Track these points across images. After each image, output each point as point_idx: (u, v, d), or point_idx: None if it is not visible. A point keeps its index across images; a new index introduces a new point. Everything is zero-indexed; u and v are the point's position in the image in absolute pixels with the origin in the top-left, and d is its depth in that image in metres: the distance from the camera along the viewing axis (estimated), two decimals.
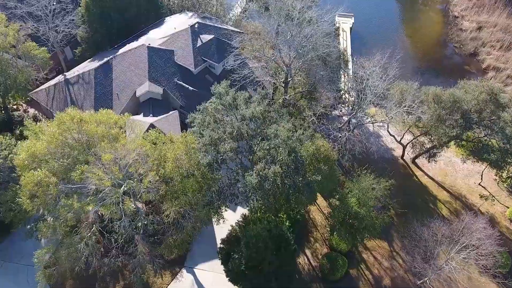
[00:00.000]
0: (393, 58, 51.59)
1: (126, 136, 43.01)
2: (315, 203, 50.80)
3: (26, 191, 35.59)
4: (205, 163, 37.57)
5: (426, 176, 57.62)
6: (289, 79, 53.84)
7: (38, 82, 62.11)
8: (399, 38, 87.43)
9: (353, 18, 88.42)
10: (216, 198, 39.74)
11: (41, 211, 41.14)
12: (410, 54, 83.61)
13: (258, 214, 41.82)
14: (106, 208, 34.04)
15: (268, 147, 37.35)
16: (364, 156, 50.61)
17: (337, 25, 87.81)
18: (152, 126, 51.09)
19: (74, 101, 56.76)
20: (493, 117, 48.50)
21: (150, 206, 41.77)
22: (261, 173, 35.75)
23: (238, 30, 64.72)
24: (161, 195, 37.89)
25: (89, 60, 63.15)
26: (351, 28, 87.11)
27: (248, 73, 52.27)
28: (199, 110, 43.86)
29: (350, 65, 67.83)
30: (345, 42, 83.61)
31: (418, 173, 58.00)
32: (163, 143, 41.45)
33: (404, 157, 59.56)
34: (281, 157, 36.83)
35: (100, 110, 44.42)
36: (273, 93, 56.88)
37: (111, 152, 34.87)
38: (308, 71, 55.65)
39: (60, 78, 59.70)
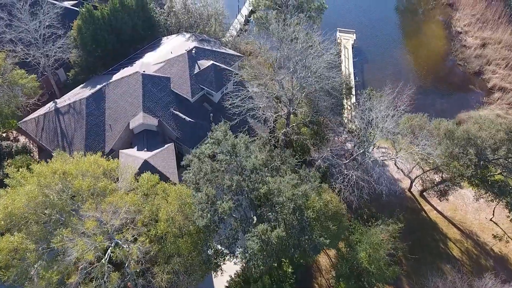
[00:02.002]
0: (405, 92, 46.36)
1: (116, 184, 38.02)
2: None
3: (1, 258, 30.56)
4: (202, 225, 32.52)
5: (435, 211, 52.70)
6: (291, 111, 48.71)
7: (28, 109, 56.84)
8: (401, 55, 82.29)
9: (354, 34, 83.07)
10: (214, 257, 34.76)
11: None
12: (414, 72, 78.55)
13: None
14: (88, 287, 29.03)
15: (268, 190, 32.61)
16: (372, 196, 45.51)
17: (338, 41, 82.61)
18: (146, 163, 46.06)
19: (64, 132, 51.63)
20: (511, 156, 43.63)
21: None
22: (263, 237, 30.78)
23: (237, 54, 59.42)
24: (152, 255, 32.98)
25: (82, 85, 57.85)
26: (352, 45, 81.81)
27: (250, 108, 47.01)
28: (196, 154, 38.76)
29: (353, 91, 62.63)
30: (347, 60, 78.35)
31: (426, 207, 53.07)
32: (155, 193, 36.58)
33: (411, 190, 54.65)
34: (285, 216, 31.87)
35: (88, 154, 39.64)
36: (274, 126, 51.68)
37: (95, 216, 29.86)
38: (310, 102, 50.58)
39: (50, 106, 54.44)
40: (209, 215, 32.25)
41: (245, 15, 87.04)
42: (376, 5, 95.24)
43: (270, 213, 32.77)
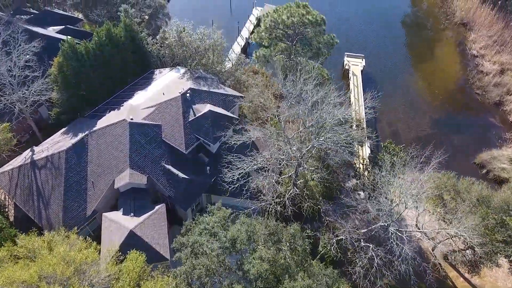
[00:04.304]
0: (433, 158, 39.17)
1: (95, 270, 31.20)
2: None
3: None
4: None
5: (461, 278, 45.83)
6: (299, 169, 41.77)
7: (4, 155, 49.93)
8: (413, 82, 75.25)
9: (364, 59, 75.99)
10: None
11: None
12: (427, 102, 71.52)
13: None
14: None
15: None
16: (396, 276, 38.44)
17: (346, 67, 75.66)
18: (132, 234, 39.13)
19: (40, 190, 44.61)
20: None
21: None
22: None
23: (238, 94, 52.30)
24: None
25: (63, 130, 50.69)
26: (361, 71, 74.70)
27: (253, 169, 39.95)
28: (188, 242, 31.86)
29: (365, 130, 55.65)
30: (356, 88, 71.33)
31: (452, 273, 46.10)
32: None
33: (434, 251, 47.82)
34: None
35: (61, 234, 33.01)
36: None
37: None
38: (320, 157, 43.77)
39: (26, 156, 47.37)
40: None
41: (246, 38, 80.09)
42: (385, 26, 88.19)
43: None
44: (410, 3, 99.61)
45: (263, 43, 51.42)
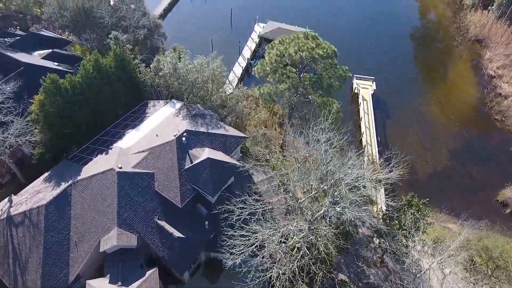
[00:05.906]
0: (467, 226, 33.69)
1: None
2: None
3: None
4: None
5: None
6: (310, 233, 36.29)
7: None
8: (427, 107, 69.56)
9: (374, 82, 70.39)
10: None
11: None
12: (443, 130, 65.90)
13: None
14: None
15: None
16: None
17: (355, 91, 70.12)
18: None
19: (17, 252, 39.12)
20: None
21: None
22: None
23: (239, 135, 46.71)
24: None
25: (45, 176, 45.05)
26: (372, 95, 69.11)
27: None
28: None
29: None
30: (366, 115, 65.78)
31: None
32: None
33: None
34: None
35: None
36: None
37: None
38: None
39: (3, 208, 41.93)
40: None
41: (247, 58, 74.53)
42: (395, 43, 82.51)
43: None
44: (419, 15, 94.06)
45: (268, 79, 45.83)
